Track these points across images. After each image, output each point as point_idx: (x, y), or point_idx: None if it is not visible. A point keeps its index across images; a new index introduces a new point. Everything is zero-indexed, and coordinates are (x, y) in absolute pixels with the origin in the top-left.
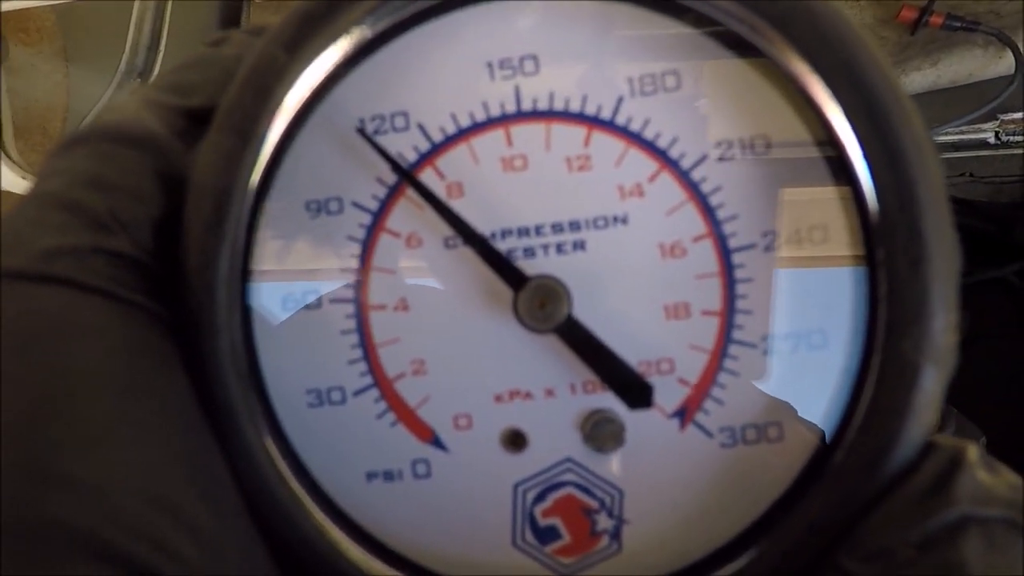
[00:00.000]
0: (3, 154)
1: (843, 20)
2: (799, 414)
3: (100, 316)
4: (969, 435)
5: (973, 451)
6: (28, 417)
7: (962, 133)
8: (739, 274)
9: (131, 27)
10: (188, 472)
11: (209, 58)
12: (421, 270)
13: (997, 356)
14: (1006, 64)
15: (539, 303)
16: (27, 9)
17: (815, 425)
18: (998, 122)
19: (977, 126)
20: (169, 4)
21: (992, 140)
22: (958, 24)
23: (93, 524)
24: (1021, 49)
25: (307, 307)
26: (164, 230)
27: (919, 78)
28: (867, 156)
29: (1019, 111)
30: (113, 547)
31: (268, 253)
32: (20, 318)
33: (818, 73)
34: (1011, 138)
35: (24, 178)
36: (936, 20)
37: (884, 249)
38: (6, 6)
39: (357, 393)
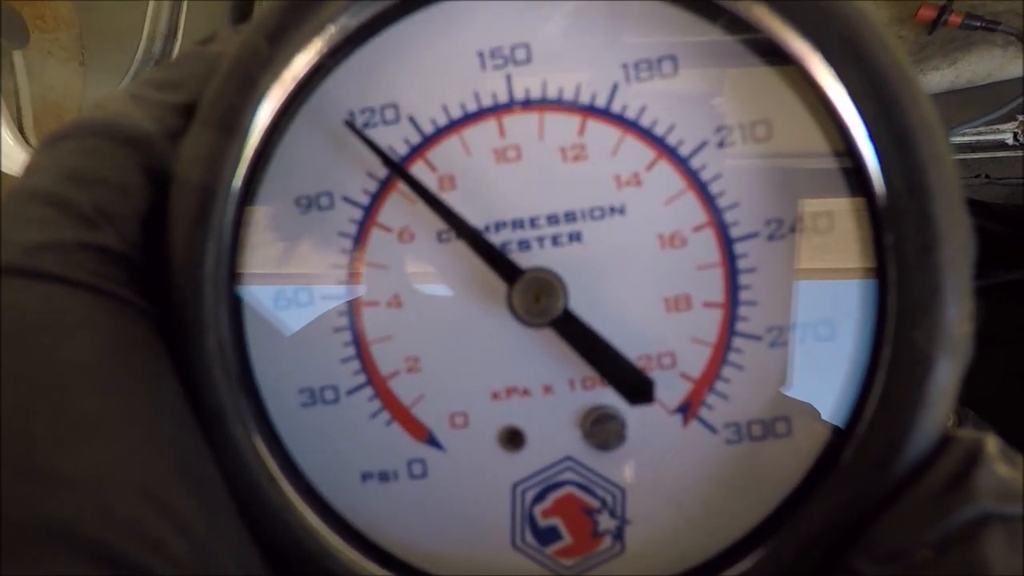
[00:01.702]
0: (24, 141)
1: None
2: (807, 408)
3: (87, 311)
4: None
5: (992, 443)
6: (16, 412)
7: (979, 134)
8: (742, 264)
9: (147, 17)
10: (178, 468)
11: (195, 55)
12: (414, 265)
13: (1013, 359)
14: None
15: (534, 296)
16: None
17: (824, 420)
18: (1017, 123)
19: (995, 127)
20: None
21: (1010, 141)
22: (977, 24)
23: (84, 521)
24: None
25: (299, 304)
26: (151, 225)
27: (937, 78)
28: (873, 138)
29: None
30: (105, 546)
31: (258, 249)
32: (7, 313)
33: (821, 53)
34: None
35: None
36: (955, 19)
37: (893, 235)
38: None
39: (351, 392)
